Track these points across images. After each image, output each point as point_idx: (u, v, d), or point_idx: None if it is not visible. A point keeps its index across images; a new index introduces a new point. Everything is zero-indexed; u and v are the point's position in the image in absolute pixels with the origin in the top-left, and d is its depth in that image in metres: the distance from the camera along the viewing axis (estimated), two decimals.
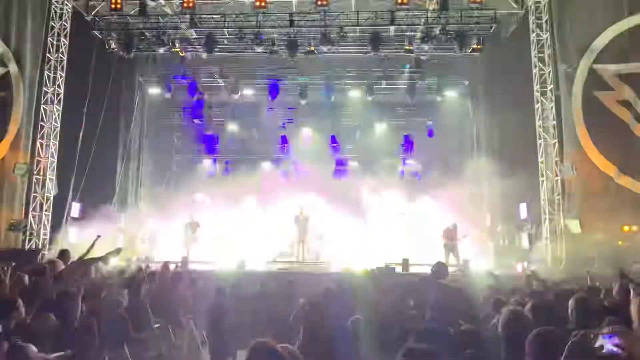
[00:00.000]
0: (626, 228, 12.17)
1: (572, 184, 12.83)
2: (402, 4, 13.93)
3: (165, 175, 19.90)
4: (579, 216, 12.49)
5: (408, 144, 20.45)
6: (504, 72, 15.87)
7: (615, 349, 3.03)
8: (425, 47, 15.59)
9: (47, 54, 13.98)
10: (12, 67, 13.49)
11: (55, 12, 14.17)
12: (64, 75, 14.28)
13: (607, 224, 12.25)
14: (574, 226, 12.49)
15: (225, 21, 15.60)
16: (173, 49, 15.86)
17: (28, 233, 13.32)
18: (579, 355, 2.82)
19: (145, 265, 9.77)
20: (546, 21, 13.59)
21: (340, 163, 20.94)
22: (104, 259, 6.80)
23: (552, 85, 13.48)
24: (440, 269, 6.06)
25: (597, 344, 3.10)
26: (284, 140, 21.25)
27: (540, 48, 13.75)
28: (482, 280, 8.21)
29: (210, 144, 21.40)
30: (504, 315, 3.63)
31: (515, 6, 14.74)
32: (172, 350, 7.44)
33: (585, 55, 12.65)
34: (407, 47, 15.84)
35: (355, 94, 19.54)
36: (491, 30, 15.69)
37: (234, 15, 15.43)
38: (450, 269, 13.86)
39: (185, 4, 14.23)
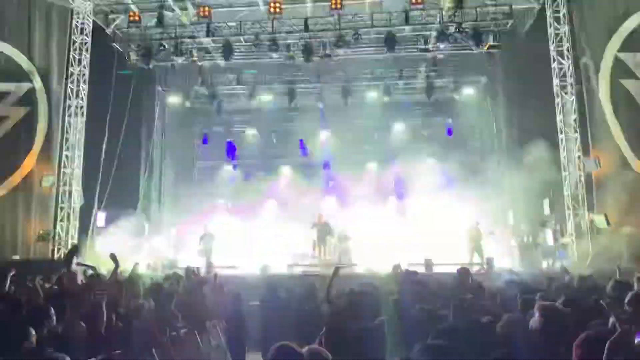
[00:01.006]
0: None
1: (598, 178, 12.59)
2: (416, 3, 13.91)
3: (187, 182, 20.15)
4: (605, 211, 12.26)
5: None
6: (522, 68, 15.69)
7: None
8: (441, 45, 15.51)
9: (70, 68, 14.31)
10: (37, 82, 13.88)
11: (77, 27, 14.53)
12: (86, 88, 14.62)
13: (636, 218, 12.01)
14: (600, 221, 12.26)
15: (241, 29, 15.81)
16: (191, 58, 16.08)
17: (56, 243, 13.64)
18: (619, 352, 2.78)
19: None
20: (564, 14, 13.40)
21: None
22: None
23: (572, 79, 13.28)
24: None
25: (637, 341, 3.05)
26: (302, 144, 21.35)
27: (559, 41, 13.55)
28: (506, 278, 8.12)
29: (230, 151, 21.64)
30: (539, 311, 3.58)
31: (532, 0, 14.57)
32: (198, 355, 7.53)
33: (610, 44, 12.42)
34: (422, 47, 15.78)
35: (372, 95, 19.52)
36: (508, 26, 15.55)
37: (249, 23, 15.61)
38: (475, 268, 13.89)
39: (201, 13, 14.45)
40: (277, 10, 14.20)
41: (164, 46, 16.08)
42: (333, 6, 14.02)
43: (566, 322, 3.26)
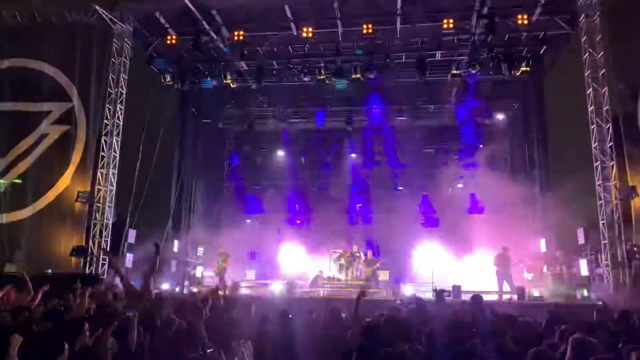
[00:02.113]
0: None
1: (636, 208, 12.19)
2: (448, 29, 13.96)
3: (217, 201, 20.40)
4: None
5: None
6: (556, 94, 15.53)
7: None
8: (473, 70, 15.47)
9: (108, 89, 14.80)
10: (77, 102, 14.39)
11: (116, 49, 15.05)
12: (123, 108, 15.06)
13: None
14: (637, 251, 11.83)
15: (273, 52, 16.14)
16: (224, 81, 16.45)
17: (89, 258, 13.93)
18: None
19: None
20: (599, 40, 13.22)
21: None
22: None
23: (607, 106, 13.02)
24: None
25: None
26: (330, 166, 21.45)
27: (594, 68, 13.34)
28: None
29: (260, 172, 21.89)
30: (571, 344, 3.50)
31: (566, 27, 14.44)
32: None
33: None
34: (454, 72, 15.77)
35: (401, 118, 19.55)
36: (541, 52, 15.44)
37: (282, 47, 15.92)
38: (505, 297, 13.56)
39: (235, 37, 14.82)
40: (309, 34, 14.46)
41: (199, 68, 16.54)
42: (365, 31, 14.19)
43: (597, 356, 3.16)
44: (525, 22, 13.66)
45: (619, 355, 3.77)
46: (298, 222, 20.95)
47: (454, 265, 16.80)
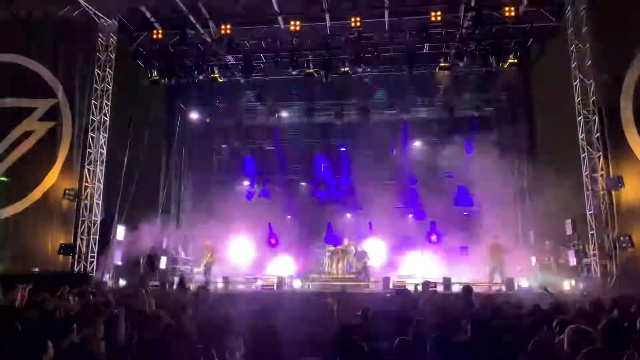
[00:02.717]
0: None
1: (622, 198, 12.32)
2: (435, 21, 13.96)
3: (206, 197, 20.27)
4: (629, 232, 11.97)
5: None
6: (543, 85, 15.59)
7: None
8: (461, 63, 15.49)
9: (94, 84, 14.63)
10: (62, 98, 14.19)
11: (101, 44, 14.87)
12: (109, 103, 14.90)
13: None
14: (624, 242, 11.96)
15: (261, 46, 16.03)
16: (212, 75, 16.33)
17: (77, 256, 13.80)
18: None
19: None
20: (585, 32, 13.28)
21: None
22: None
23: (594, 97, 13.10)
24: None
25: None
26: (320, 160, 21.45)
27: (581, 60, 13.41)
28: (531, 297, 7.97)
29: (248, 167, 21.81)
30: (568, 333, 3.52)
31: (553, 19, 14.50)
32: None
33: (633, 63, 12.25)
34: (442, 64, 15.78)
35: (390, 112, 19.54)
36: (528, 44, 15.49)
37: (269, 40, 15.82)
38: (495, 287, 13.67)
39: (222, 31, 14.71)
40: (297, 28, 14.39)
41: (186, 63, 16.39)
42: (353, 24, 14.15)
43: (596, 346, 3.19)
44: (513, 14, 13.69)
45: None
46: (288, 217, 20.96)
47: (443, 258, 16.89)
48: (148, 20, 15.14)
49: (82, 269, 13.79)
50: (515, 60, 15.10)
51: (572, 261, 13.69)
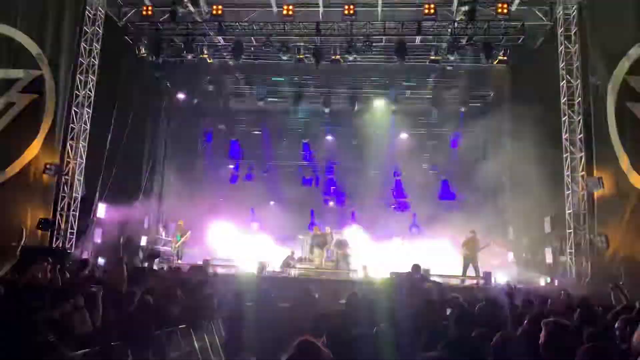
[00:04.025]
0: None
1: (600, 199, 12.57)
2: (428, 14, 13.96)
3: (189, 178, 20.13)
4: (605, 232, 12.23)
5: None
6: (531, 84, 15.73)
7: None
8: (451, 57, 15.54)
9: (80, 58, 14.33)
10: (46, 70, 13.85)
11: (89, 17, 14.55)
12: (95, 79, 14.62)
13: (635, 241, 11.97)
14: (600, 241, 12.22)
15: (252, 29, 15.85)
16: (201, 56, 16.12)
17: (55, 232, 13.62)
18: None
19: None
20: (575, 33, 13.42)
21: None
22: None
23: (580, 98, 13.28)
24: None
25: None
26: (307, 148, 21.42)
27: (569, 60, 13.57)
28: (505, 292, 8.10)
29: (234, 150, 21.70)
30: (544, 326, 3.58)
31: (544, 18, 14.61)
32: (193, 352, 7.51)
33: (619, 66, 12.41)
34: (433, 57, 15.81)
35: (379, 102, 19.55)
36: (519, 42, 15.59)
37: (261, 24, 15.65)
38: (470, 281, 13.89)
39: (214, 11, 14.51)
40: (290, 12, 14.26)
41: (175, 42, 16.13)
42: (346, 12, 14.09)
43: (571, 337, 3.26)
44: (505, 11, 13.75)
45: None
46: (272, 202, 20.97)
47: (422, 249, 17.07)
48: None
49: (60, 245, 13.61)
50: (505, 58, 15.23)
51: (549, 258, 13.95)
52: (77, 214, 14.13)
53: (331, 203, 21.41)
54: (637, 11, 12.07)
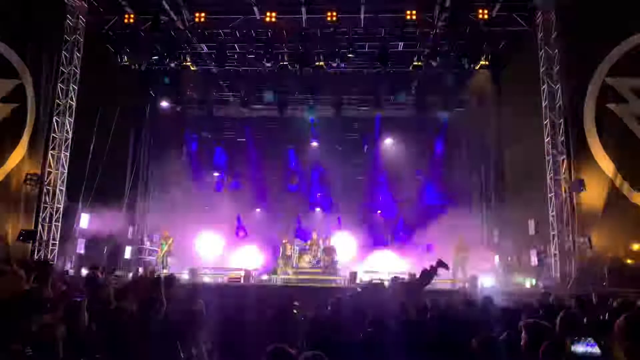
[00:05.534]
0: (637, 247, 12.06)
1: (583, 201, 12.73)
2: (410, 20, 14.06)
3: (173, 187, 19.96)
4: (588, 233, 12.38)
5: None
6: (513, 88, 15.92)
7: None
8: (434, 62, 15.65)
9: (61, 67, 14.18)
10: (27, 79, 13.69)
11: (70, 26, 14.41)
12: (76, 87, 14.46)
13: (618, 242, 12.14)
14: (584, 243, 12.37)
15: (235, 36, 15.82)
16: (184, 63, 16.05)
17: (37, 243, 13.39)
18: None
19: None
20: (555, 38, 13.63)
21: None
22: None
23: (560, 102, 13.47)
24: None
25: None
26: (292, 154, 21.42)
27: (549, 64, 13.77)
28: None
29: (219, 158, 21.59)
30: (524, 328, 3.60)
31: (524, 23, 14.80)
32: None
33: (598, 68, 12.64)
34: (415, 63, 15.92)
35: (363, 108, 19.64)
36: (500, 47, 15.77)
37: (244, 31, 15.62)
38: (458, 284, 13.93)
39: (197, 19, 14.46)
40: (273, 19, 14.26)
41: (158, 49, 16.03)
42: (329, 19, 14.12)
43: (551, 338, 3.28)
44: (486, 16, 13.91)
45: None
46: (257, 209, 20.88)
47: (409, 254, 17.11)
48: (119, 4, 14.73)
49: (42, 257, 13.38)
50: (487, 63, 15.39)
51: (534, 261, 14.06)
52: (60, 224, 13.91)
53: (317, 209, 21.37)
54: (616, 15, 12.33)
